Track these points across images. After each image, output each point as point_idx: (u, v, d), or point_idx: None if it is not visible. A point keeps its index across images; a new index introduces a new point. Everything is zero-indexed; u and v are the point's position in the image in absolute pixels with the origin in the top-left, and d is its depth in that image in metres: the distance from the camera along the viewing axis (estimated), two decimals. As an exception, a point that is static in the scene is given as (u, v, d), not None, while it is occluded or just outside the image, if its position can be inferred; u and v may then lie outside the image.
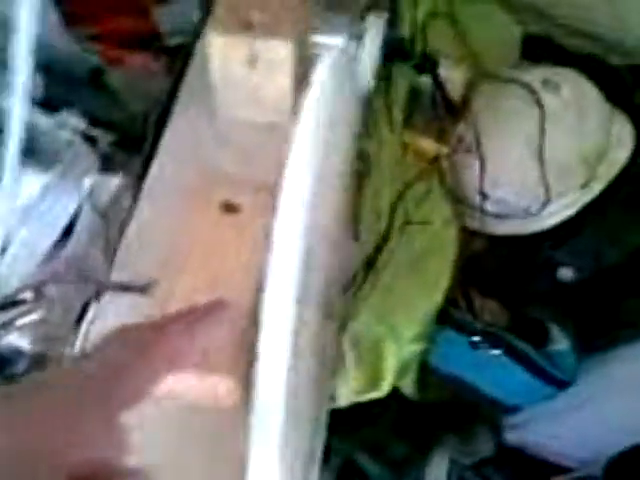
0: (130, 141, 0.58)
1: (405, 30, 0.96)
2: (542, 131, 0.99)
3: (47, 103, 0.56)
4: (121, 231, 0.52)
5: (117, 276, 0.47)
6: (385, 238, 0.96)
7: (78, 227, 0.53)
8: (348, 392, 0.94)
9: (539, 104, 1.00)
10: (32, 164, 0.54)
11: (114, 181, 0.54)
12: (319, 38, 0.51)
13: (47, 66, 0.57)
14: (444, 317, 0.99)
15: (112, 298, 0.46)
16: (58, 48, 0.57)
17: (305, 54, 0.49)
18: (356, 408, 0.95)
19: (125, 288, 0.46)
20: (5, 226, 0.51)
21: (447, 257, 0.99)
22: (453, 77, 1.05)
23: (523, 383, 1.04)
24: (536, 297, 1.15)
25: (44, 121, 0.55)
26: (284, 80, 0.48)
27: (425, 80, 1.02)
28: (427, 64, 0.95)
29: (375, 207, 0.97)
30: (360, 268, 0.93)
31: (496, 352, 1.02)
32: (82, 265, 0.51)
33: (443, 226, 1.01)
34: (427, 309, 0.96)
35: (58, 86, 0.57)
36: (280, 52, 0.47)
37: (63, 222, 0.52)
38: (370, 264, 0.94)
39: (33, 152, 0.55)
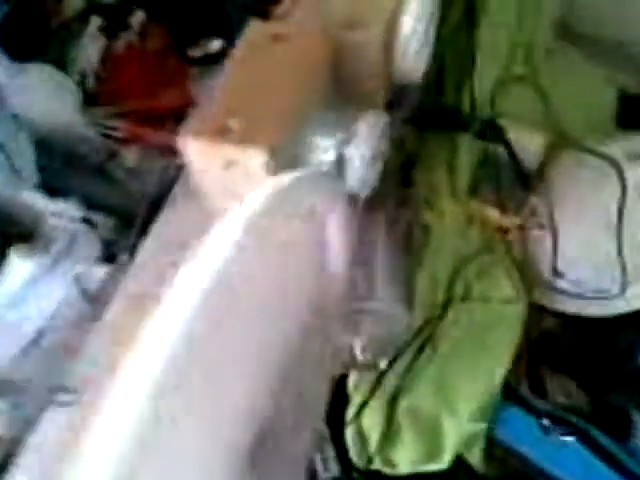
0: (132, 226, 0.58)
1: (464, 99, 0.91)
2: (622, 209, 0.91)
3: (51, 186, 0.58)
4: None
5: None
6: (444, 309, 0.93)
7: (65, 313, 0.54)
8: (406, 462, 0.91)
9: (621, 179, 0.92)
10: (26, 248, 0.56)
11: (102, 270, 0.55)
12: (308, 139, 0.49)
13: (54, 148, 0.59)
14: (512, 394, 0.94)
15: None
16: (68, 130, 0.59)
17: (287, 159, 0.47)
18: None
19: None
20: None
21: (511, 334, 0.93)
22: (528, 145, 0.99)
23: (598, 475, 0.96)
24: (618, 383, 1.06)
25: (43, 206, 0.57)
26: (260, 185, 0.46)
27: (497, 148, 0.97)
28: (491, 132, 0.90)
29: (433, 278, 0.94)
30: (414, 340, 0.91)
31: (569, 439, 0.95)
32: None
33: (507, 301, 0.96)
34: (487, 386, 0.91)
35: (62, 169, 0.58)
36: (255, 161, 0.46)
37: (50, 308, 0.53)
38: (427, 339, 0.91)
39: (29, 236, 0.57)
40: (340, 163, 0.50)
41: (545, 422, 0.94)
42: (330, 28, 0.53)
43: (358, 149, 0.49)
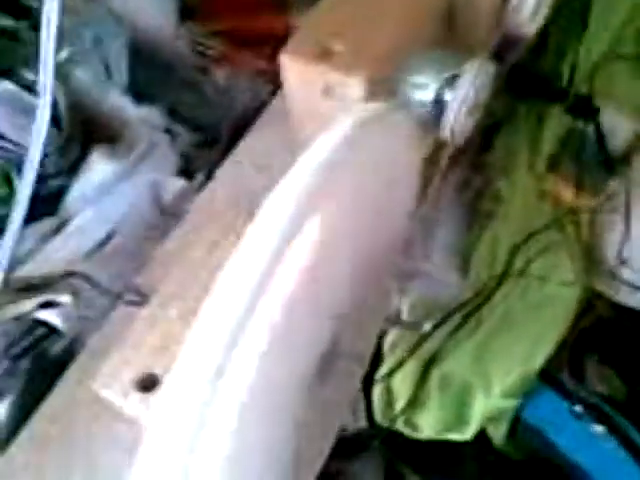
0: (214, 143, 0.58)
1: (563, 68, 0.87)
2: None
3: (139, 92, 0.57)
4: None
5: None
6: (499, 282, 0.91)
7: (136, 218, 0.53)
8: (429, 427, 0.90)
9: None
10: (107, 150, 0.56)
11: (180, 182, 0.54)
12: (410, 75, 0.47)
13: (147, 55, 0.58)
14: (548, 377, 0.92)
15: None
16: (164, 40, 0.58)
17: (387, 91, 0.46)
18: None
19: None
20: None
21: (562, 317, 0.91)
22: (619, 128, 0.95)
23: (624, 469, 0.94)
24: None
25: (129, 110, 0.56)
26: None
27: (586, 126, 0.92)
28: (584, 109, 0.85)
29: (493, 250, 0.92)
30: (462, 307, 0.89)
31: (599, 428, 0.94)
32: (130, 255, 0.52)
33: (565, 284, 0.93)
34: (526, 367, 0.89)
35: (153, 77, 0.57)
36: (355, 90, 0.44)
37: (122, 211, 0.53)
38: (476, 308, 0.89)
39: (113, 138, 0.56)
40: (438, 106, 0.48)
41: (578, 408, 0.92)
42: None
43: (459, 94, 0.47)
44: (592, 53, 0.92)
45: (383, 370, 0.88)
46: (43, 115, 0.39)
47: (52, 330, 0.51)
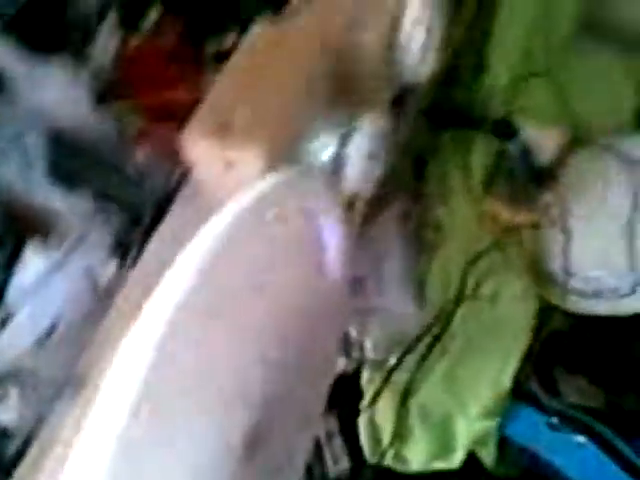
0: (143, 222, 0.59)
1: (478, 95, 0.91)
2: (635, 208, 0.91)
3: (64, 180, 0.59)
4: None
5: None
6: (455, 307, 0.93)
7: (75, 306, 0.55)
8: (417, 460, 0.91)
9: (633, 176, 0.92)
10: (40, 242, 0.57)
11: (113, 264, 0.56)
12: (308, 138, 0.50)
13: (67, 144, 0.60)
14: (522, 393, 0.94)
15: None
16: (83, 126, 0.60)
17: (286, 158, 0.48)
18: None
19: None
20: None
21: (520, 332, 0.94)
22: (544, 142, 0.99)
23: (609, 475, 0.96)
24: (632, 384, 1.05)
25: (59, 200, 0.58)
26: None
27: (510, 146, 0.96)
28: (504, 130, 0.89)
29: (444, 276, 0.94)
30: (424, 336, 0.91)
31: (581, 438, 0.95)
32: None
33: (517, 300, 0.96)
34: (497, 384, 0.91)
35: (76, 164, 0.59)
36: (254, 164, 0.46)
37: (62, 301, 0.54)
38: (438, 335, 0.91)
39: (44, 230, 0.58)
40: (339, 161, 0.51)
41: (554, 420, 0.94)
42: (333, 29, 0.53)
43: (356, 148, 0.50)
44: (502, 76, 0.96)
45: (364, 404, 0.89)
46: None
47: (2, 431, 0.52)
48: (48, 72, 0.62)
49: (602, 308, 1.01)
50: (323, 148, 0.50)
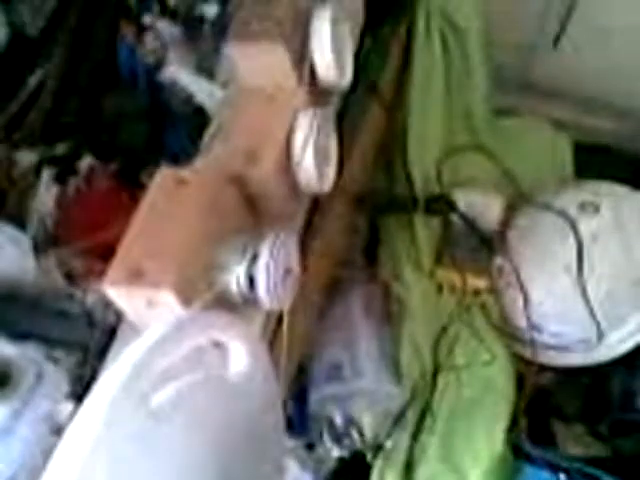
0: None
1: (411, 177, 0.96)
2: (581, 260, 0.94)
3: (15, 332, 0.63)
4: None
5: None
6: (433, 380, 0.95)
7: (38, 450, 0.58)
8: None
9: (575, 231, 0.95)
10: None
11: (70, 405, 0.59)
12: (218, 265, 0.54)
13: (14, 299, 0.65)
14: (523, 452, 0.95)
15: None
16: (26, 280, 0.65)
17: (200, 288, 0.52)
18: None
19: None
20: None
21: (503, 393, 0.95)
22: (486, 208, 1.03)
23: None
24: (625, 428, 1.05)
25: (9, 350, 0.62)
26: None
27: (454, 218, 1.00)
28: (439, 205, 0.94)
29: (415, 349, 0.96)
30: (407, 412, 0.93)
31: None
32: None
33: (490, 362, 0.98)
34: (490, 447, 0.92)
35: (23, 314, 0.64)
36: (169, 299, 0.51)
37: (25, 446, 0.58)
38: (424, 410, 0.93)
39: (2, 380, 0.62)
40: (251, 282, 0.55)
41: (562, 477, 0.95)
42: (232, 161, 0.58)
43: (263, 268, 0.54)
44: (428, 157, 1.01)
45: None
46: None
47: None
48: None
49: (575, 359, 1.03)
50: (235, 274, 0.54)
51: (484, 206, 1.03)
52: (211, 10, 0.81)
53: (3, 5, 0.69)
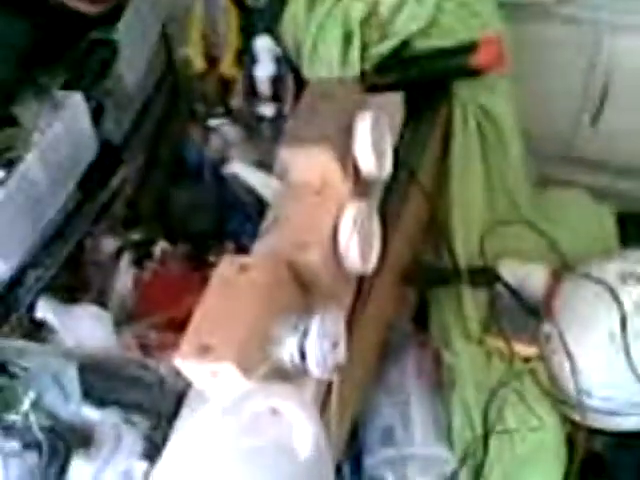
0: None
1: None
2: (624, 328, 0.97)
3: (98, 399, 0.73)
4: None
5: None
6: (485, 443, 0.99)
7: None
8: None
9: (617, 301, 0.98)
10: (83, 452, 0.70)
11: (145, 464, 0.68)
12: (274, 341, 0.63)
13: (97, 369, 0.74)
14: None
15: None
16: (107, 352, 0.75)
17: (258, 361, 0.61)
18: None
19: None
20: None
21: (555, 456, 0.98)
22: (531, 277, 1.08)
23: None
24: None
25: (94, 415, 0.72)
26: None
27: (501, 288, 1.06)
28: (481, 278, 1.00)
29: (466, 414, 1.01)
30: (464, 477, 0.97)
31: None
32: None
33: (542, 428, 1.00)
34: None
35: (106, 385, 0.73)
36: (231, 372, 0.60)
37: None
38: (476, 472, 0.97)
39: (85, 442, 0.71)
40: (303, 355, 0.63)
41: None
42: (286, 248, 0.67)
43: (313, 341, 0.62)
44: (471, 232, 1.08)
45: None
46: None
47: None
48: (77, 312, 0.78)
49: (628, 424, 1.04)
50: (288, 348, 0.62)
51: (529, 275, 1.08)
52: (268, 111, 0.92)
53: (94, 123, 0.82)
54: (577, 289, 1.05)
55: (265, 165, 0.88)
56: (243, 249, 0.84)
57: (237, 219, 0.91)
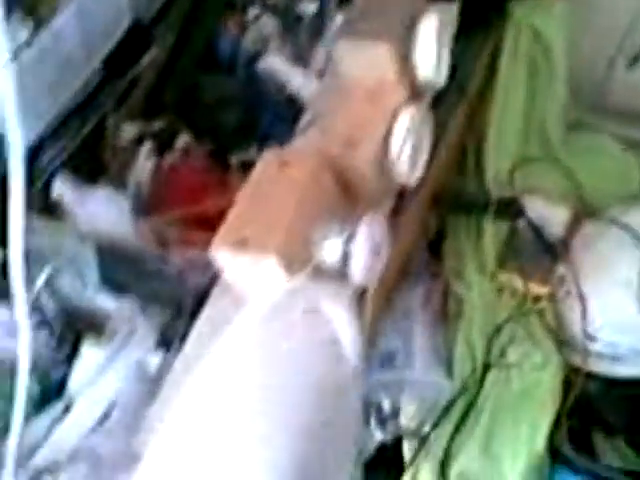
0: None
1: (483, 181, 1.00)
2: (643, 276, 0.96)
3: (114, 286, 0.70)
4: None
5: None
6: (482, 376, 0.98)
7: (127, 395, 0.65)
8: None
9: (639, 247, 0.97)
10: (94, 340, 0.68)
11: (159, 355, 0.66)
12: (317, 241, 0.59)
13: (114, 255, 0.71)
14: (559, 457, 0.98)
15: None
16: (126, 239, 0.72)
17: (299, 258, 0.58)
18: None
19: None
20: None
21: (548, 397, 0.98)
22: (552, 217, 1.06)
23: None
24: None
25: (108, 303, 0.69)
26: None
27: (522, 223, 1.03)
28: (510, 210, 0.97)
29: (469, 346, 1.00)
30: (455, 405, 0.97)
31: None
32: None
33: (542, 366, 1.00)
34: (531, 449, 0.95)
35: (122, 271, 0.70)
36: (270, 264, 0.56)
37: (116, 388, 0.64)
38: (470, 404, 0.97)
39: (97, 329, 0.69)
40: (346, 258, 0.60)
41: None
42: (332, 147, 0.63)
43: (359, 246, 0.59)
44: (503, 162, 1.05)
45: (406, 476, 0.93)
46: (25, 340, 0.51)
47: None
48: (95, 195, 0.74)
49: (626, 371, 1.05)
50: (332, 249, 0.59)
51: (550, 215, 1.05)
52: (310, 7, 0.86)
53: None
54: (598, 232, 1.03)
55: (302, 62, 0.83)
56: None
57: (266, 119, 0.86)
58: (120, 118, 0.81)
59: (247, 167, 0.84)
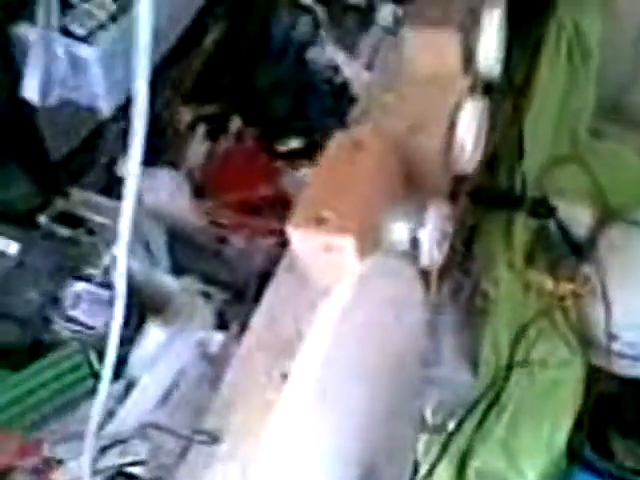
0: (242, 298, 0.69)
1: (515, 180, 1.02)
2: (667, 278, 0.98)
3: (176, 266, 0.70)
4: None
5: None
6: (507, 374, 0.99)
7: (189, 374, 0.64)
8: None
9: (663, 250, 1.00)
10: (159, 318, 0.67)
11: (220, 335, 0.66)
12: (388, 225, 0.60)
13: (176, 236, 0.71)
14: (577, 457, 0.99)
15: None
16: (186, 220, 0.72)
17: (372, 242, 0.59)
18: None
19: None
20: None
21: (570, 395, 1.00)
22: (578, 219, 1.08)
23: None
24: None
25: (172, 283, 0.69)
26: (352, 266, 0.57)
27: (550, 223, 1.05)
28: (542, 209, 0.99)
29: (495, 344, 1.01)
30: (479, 402, 0.98)
31: None
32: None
33: (566, 364, 1.02)
34: (550, 448, 0.96)
35: (184, 253, 0.70)
36: (348, 245, 0.57)
37: (178, 367, 0.64)
38: (492, 402, 0.98)
39: (160, 309, 0.68)
40: (414, 244, 0.61)
41: None
42: (398, 132, 0.64)
43: (429, 232, 0.60)
44: (534, 163, 1.06)
45: (421, 473, 0.93)
46: (119, 304, 0.51)
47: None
48: (159, 179, 0.74)
49: (645, 371, 1.07)
50: (402, 233, 0.60)
51: (575, 216, 1.08)
52: (360, -1, 0.88)
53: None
54: (624, 234, 1.06)
55: (353, 51, 0.84)
56: (313, 143, 0.81)
57: (314, 109, 0.87)
58: (175, 102, 0.81)
59: (292, 155, 0.85)
